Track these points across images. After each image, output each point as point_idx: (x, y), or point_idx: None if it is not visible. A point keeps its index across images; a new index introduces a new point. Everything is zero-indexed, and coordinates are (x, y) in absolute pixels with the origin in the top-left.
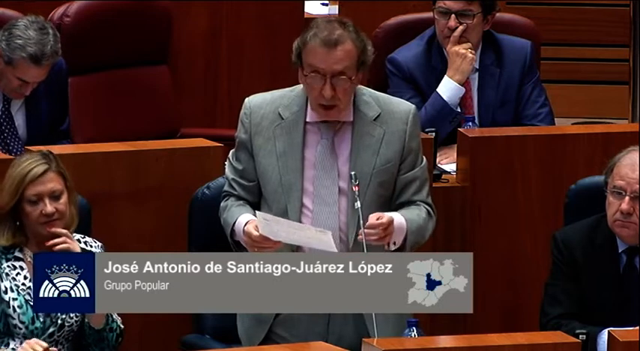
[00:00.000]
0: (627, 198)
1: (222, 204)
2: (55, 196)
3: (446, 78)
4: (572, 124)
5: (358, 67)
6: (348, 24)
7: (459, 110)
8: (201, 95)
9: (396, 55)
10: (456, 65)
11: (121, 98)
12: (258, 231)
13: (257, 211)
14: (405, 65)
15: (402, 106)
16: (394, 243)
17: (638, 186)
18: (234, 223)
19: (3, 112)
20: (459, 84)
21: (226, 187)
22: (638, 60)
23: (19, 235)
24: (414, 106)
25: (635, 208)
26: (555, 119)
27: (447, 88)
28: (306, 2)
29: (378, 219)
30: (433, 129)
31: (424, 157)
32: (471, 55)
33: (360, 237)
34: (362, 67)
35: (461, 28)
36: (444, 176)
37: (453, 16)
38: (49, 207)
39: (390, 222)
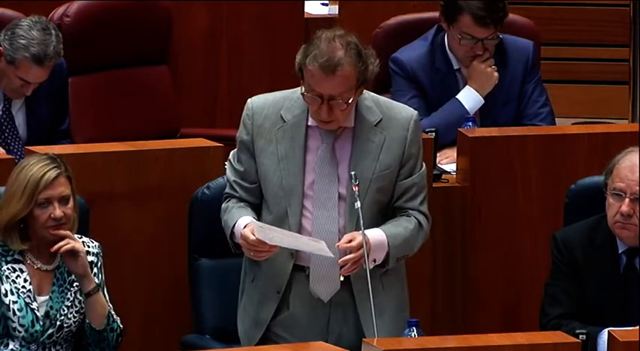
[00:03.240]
0: (627, 200)
1: (223, 205)
2: (64, 201)
3: (469, 88)
4: (572, 124)
5: (357, 87)
6: (351, 42)
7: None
8: (201, 95)
9: (400, 55)
10: (481, 81)
11: (121, 98)
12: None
13: (252, 220)
14: (408, 65)
15: (404, 112)
16: (374, 260)
17: (637, 188)
18: (234, 225)
19: (4, 112)
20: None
21: (227, 189)
22: (638, 60)
23: (26, 240)
24: (416, 112)
25: (635, 209)
26: (555, 119)
27: (471, 99)
28: (306, 2)
29: (349, 241)
30: (433, 129)
31: (424, 164)
32: (496, 74)
33: (341, 278)
34: (362, 85)
35: (487, 54)
36: (444, 176)
37: (479, 43)
38: (58, 211)
39: (360, 245)
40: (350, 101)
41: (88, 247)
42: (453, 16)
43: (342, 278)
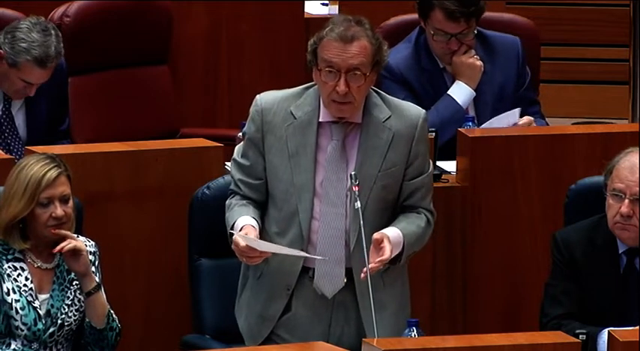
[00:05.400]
0: (627, 201)
1: (227, 201)
2: (64, 200)
3: (459, 82)
4: (572, 124)
5: (373, 66)
6: (365, 23)
7: (469, 115)
8: (201, 95)
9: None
10: (467, 73)
11: (121, 98)
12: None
13: (248, 222)
14: (396, 68)
15: (413, 109)
16: None
17: (637, 188)
18: (233, 224)
19: (4, 112)
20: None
21: (232, 186)
22: (638, 60)
23: (27, 239)
24: (424, 111)
25: (635, 210)
26: (555, 119)
27: (462, 93)
28: (306, 2)
29: (380, 244)
30: (433, 129)
31: (431, 162)
32: (479, 62)
33: (363, 276)
34: (376, 67)
35: (464, 48)
36: (444, 176)
37: (454, 39)
38: (59, 210)
39: (390, 255)
40: (368, 74)
41: (86, 246)
42: (426, 13)
43: (345, 280)
